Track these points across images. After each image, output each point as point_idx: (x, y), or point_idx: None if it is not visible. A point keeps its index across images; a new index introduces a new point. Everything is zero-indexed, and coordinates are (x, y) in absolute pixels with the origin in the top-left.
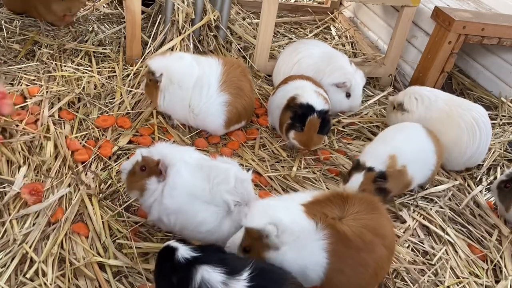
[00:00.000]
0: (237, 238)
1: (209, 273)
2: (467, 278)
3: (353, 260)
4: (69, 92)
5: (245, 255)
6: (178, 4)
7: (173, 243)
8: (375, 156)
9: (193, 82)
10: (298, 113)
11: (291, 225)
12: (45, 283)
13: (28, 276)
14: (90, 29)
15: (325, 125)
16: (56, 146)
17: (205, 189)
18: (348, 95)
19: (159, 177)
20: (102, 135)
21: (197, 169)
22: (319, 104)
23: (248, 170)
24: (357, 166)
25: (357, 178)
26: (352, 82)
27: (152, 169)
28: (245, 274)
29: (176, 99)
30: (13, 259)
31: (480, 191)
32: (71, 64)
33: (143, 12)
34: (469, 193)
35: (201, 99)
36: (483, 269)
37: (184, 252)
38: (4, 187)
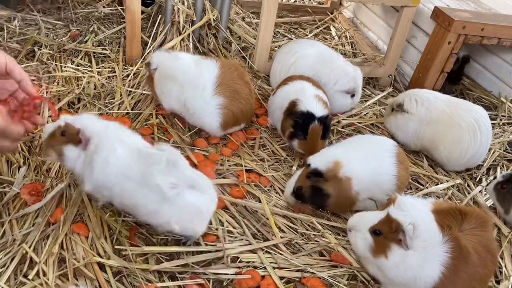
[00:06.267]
0: (370, 218)
1: None
2: None
3: (468, 275)
4: (69, 92)
5: (375, 237)
6: (179, 7)
7: None
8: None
9: (187, 80)
10: (299, 122)
11: (426, 233)
12: (46, 283)
13: (29, 277)
14: (90, 29)
15: (326, 130)
16: None
17: (140, 172)
18: (352, 95)
19: (77, 145)
20: None
21: (135, 151)
22: (319, 111)
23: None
24: (303, 164)
25: (296, 175)
26: (359, 86)
27: (72, 136)
28: None
29: (170, 94)
30: (12, 259)
31: (480, 191)
32: (71, 64)
33: (143, 12)
34: (469, 193)
35: (196, 99)
36: None
37: None
38: (4, 187)
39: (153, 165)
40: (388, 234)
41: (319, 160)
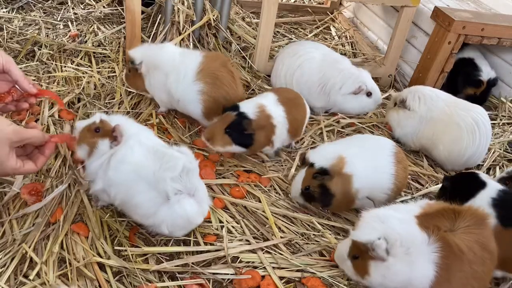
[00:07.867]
0: (345, 245)
1: None
2: None
3: (464, 273)
4: (69, 92)
5: (353, 261)
6: (179, 7)
7: None
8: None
9: (171, 68)
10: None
11: (403, 238)
12: (45, 283)
13: (29, 277)
14: (90, 29)
15: (239, 131)
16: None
17: (152, 173)
18: (369, 94)
19: (112, 141)
20: None
21: (151, 152)
22: (245, 108)
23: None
24: (303, 162)
25: (300, 175)
26: (366, 83)
27: (107, 132)
28: None
29: (157, 84)
30: (12, 259)
31: None
32: (71, 64)
33: (143, 12)
34: None
35: (178, 86)
36: None
37: None
38: (4, 187)
39: (167, 171)
40: (363, 254)
41: (322, 157)
